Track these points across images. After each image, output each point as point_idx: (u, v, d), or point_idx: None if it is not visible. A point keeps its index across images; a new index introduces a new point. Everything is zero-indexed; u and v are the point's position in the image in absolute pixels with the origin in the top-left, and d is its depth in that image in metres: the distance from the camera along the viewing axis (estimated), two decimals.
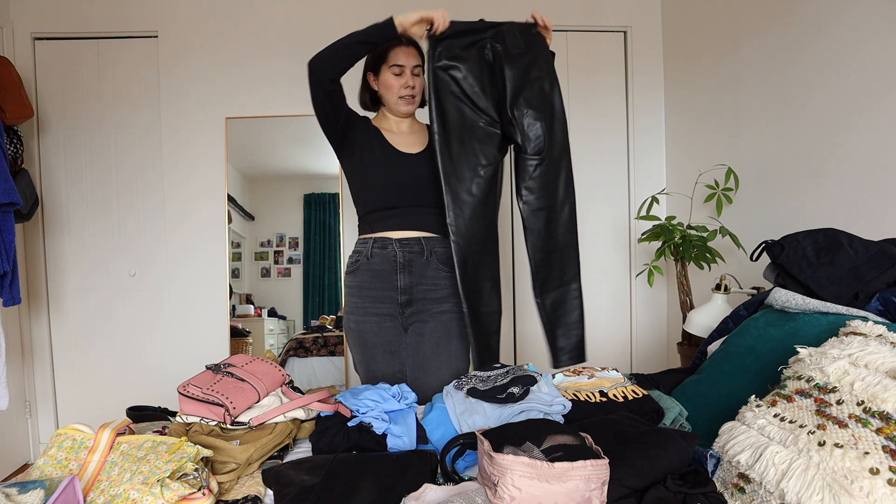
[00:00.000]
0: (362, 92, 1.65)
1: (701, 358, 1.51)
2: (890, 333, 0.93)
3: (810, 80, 1.77)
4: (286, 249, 2.82)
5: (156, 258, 2.64)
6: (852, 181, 1.62)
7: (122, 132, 2.61)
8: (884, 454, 0.73)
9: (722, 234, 1.98)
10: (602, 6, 2.71)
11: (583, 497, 0.79)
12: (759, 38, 2.02)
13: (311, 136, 2.70)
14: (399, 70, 1.54)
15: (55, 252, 2.61)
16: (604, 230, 2.77)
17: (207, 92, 2.61)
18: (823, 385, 0.89)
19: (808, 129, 1.79)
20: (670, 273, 2.52)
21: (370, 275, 1.55)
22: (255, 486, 1.00)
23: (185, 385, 1.17)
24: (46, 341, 2.61)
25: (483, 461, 0.87)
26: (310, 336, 2.75)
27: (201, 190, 2.62)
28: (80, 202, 2.61)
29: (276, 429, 1.15)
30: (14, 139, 2.22)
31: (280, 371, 1.30)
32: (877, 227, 1.49)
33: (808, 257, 1.27)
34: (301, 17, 2.62)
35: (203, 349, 2.61)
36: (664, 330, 2.78)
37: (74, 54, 2.58)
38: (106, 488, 0.88)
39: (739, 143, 2.15)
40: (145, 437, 0.98)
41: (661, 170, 2.76)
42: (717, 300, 1.82)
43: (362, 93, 1.65)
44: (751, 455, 0.84)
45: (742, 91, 2.13)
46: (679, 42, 2.61)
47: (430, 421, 1.16)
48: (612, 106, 2.76)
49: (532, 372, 1.28)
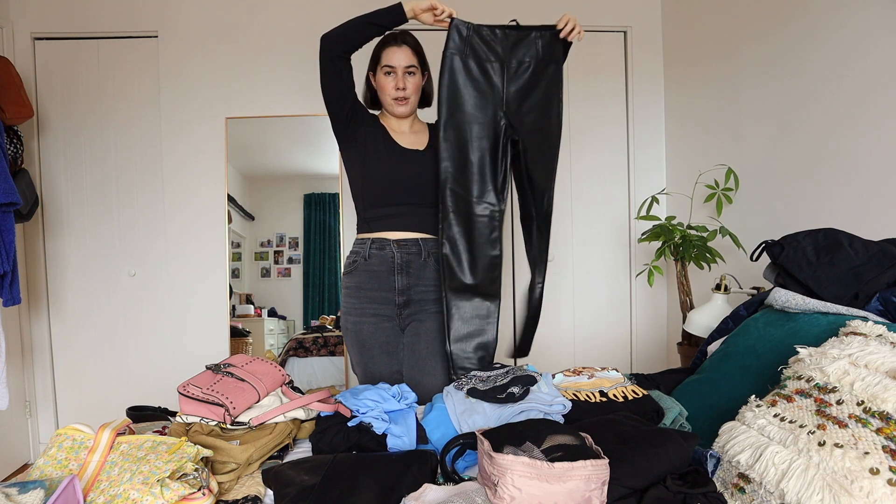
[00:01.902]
0: (366, 91, 1.66)
1: (701, 358, 1.51)
2: (890, 333, 0.93)
3: (810, 80, 1.77)
4: (286, 249, 2.82)
5: (156, 258, 2.63)
6: (852, 181, 1.62)
7: (122, 132, 2.61)
8: (884, 454, 0.73)
9: (722, 234, 1.98)
10: (602, 6, 2.71)
11: (583, 497, 0.79)
12: (759, 37, 2.02)
13: (311, 136, 2.71)
14: (390, 70, 1.54)
15: (55, 252, 2.61)
16: (604, 230, 2.77)
17: (208, 92, 2.61)
18: (823, 385, 0.89)
19: (809, 128, 1.78)
20: (670, 273, 2.52)
21: (368, 275, 1.55)
22: (255, 486, 1.00)
23: (185, 385, 1.17)
24: (46, 341, 2.61)
25: (483, 461, 0.87)
26: (310, 336, 2.75)
27: (201, 190, 2.62)
28: (80, 202, 2.61)
29: (276, 429, 1.15)
30: (14, 139, 2.22)
31: (280, 371, 1.30)
32: (877, 227, 1.49)
33: (808, 257, 1.27)
34: (301, 17, 2.62)
35: (203, 349, 2.61)
36: (664, 330, 2.78)
37: (74, 54, 2.58)
38: (106, 488, 0.88)
39: (740, 143, 2.15)
40: (145, 437, 0.98)
41: (661, 170, 2.76)
42: (717, 300, 1.82)
43: (366, 92, 1.66)
44: (751, 455, 0.84)
45: (742, 91, 2.13)
46: (679, 42, 2.61)
47: (430, 421, 1.16)
48: (611, 106, 2.76)
49: (532, 372, 1.28)
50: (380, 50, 1.56)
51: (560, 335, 2.77)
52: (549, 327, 2.76)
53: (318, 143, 2.69)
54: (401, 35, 1.55)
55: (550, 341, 2.75)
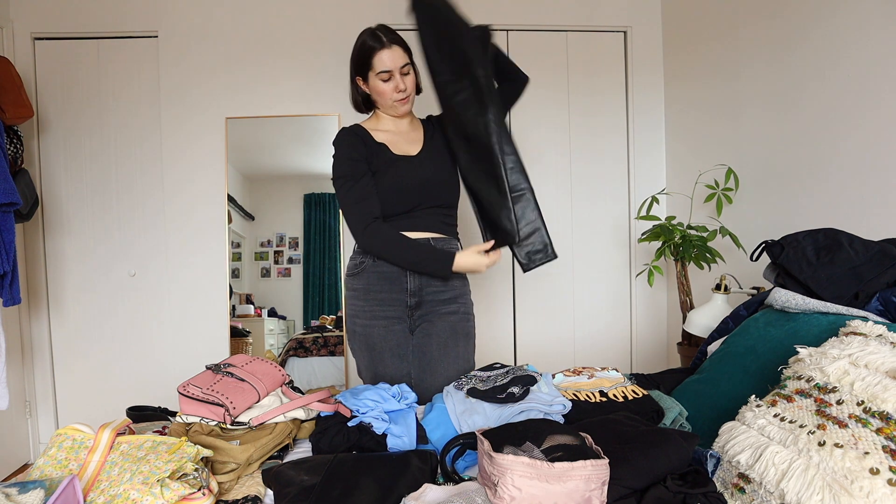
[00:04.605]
0: (354, 94, 1.59)
1: (701, 358, 1.51)
2: (890, 333, 0.93)
3: (811, 80, 1.77)
4: (286, 249, 2.82)
5: (156, 258, 2.63)
6: (852, 181, 1.62)
7: (122, 132, 2.61)
8: (884, 454, 0.73)
9: (722, 234, 1.98)
10: (602, 6, 2.71)
11: (583, 497, 0.79)
12: (759, 37, 2.02)
13: (311, 136, 2.71)
14: (387, 76, 1.48)
15: (55, 252, 2.61)
16: (604, 230, 2.77)
17: (207, 92, 2.61)
18: (823, 385, 0.89)
19: (809, 128, 1.79)
20: (670, 273, 2.52)
21: (377, 277, 1.52)
22: (255, 486, 1.00)
23: (185, 385, 1.17)
24: (46, 341, 2.61)
25: (483, 461, 0.87)
26: (310, 336, 2.75)
27: (201, 190, 2.62)
28: (80, 202, 2.61)
29: (276, 429, 1.15)
30: (14, 139, 2.22)
31: (280, 371, 1.30)
32: (877, 227, 1.49)
33: (808, 257, 1.27)
34: (301, 17, 2.62)
35: (203, 349, 2.61)
36: (664, 330, 2.78)
37: (74, 54, 2.58)
38: (106, 488, 0.88)
39: (740, 143, 2.15)
40: (145, 437, 0.98)
41: (661, 170, 2.76)
42: (717, 300, 1.83)
43: (354, 95, 1.59)
44: (751, 455, 0.84)
45: (742, 91, 2.13)
46: (679, 42, 2.61)
47: (430, 421, 1.16)
48: (612, 106, 2.76)
49: (532, 372, 1.28)
50: (368, 56, 1.48)
51: (560, 335, 2.77)
52: (549, 327, 2.76)
53: (318, 143, 2.69)
54: (386, 35, 1.48)
55: (550, 341, 2.75)
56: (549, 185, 2.71)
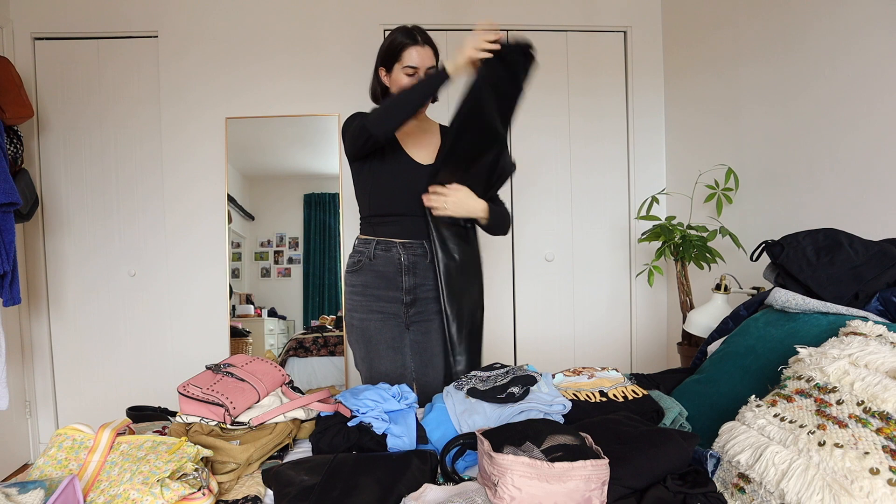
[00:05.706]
0: (374, 85, 1.61)
1: (701, 358, 1.51)
2: (890, 333, 0.93)
3: (811, 80, 1.77)
4: (286, 249, 2.82)
5: (156, 258, 2.64)
6: (852, 181, 1.62)
7: (122, 132, 2.61)
8: (884, 454, 0.73)
9: (722, 234, 1.98)
10: (602, 6, 2.71)
11: (583, 497, 0.79)
12: (759, 36, 2.02)
13: (311, 136, 2.71)
14: (412, 71, 1.50)
15: (55, 252, 2.61)
16: (604, 230, 2.77)
17: (207, 92, 2.61)
18: (823, 385, 0.89)
19: (809, 128, 1.78)
20: (670, 273, 2.52)
21: (374, 275, 1.55)
22: (255, 486, 1.00)
23: (185, 385, 1.17)
24: (46, 341, 2.61)
25: (483, 461, 0.87)
26: (310, 336, 2.75)
27: (201, 190, 2.62)
28: (80, 202, 2.61)
29: (276, 429, 1.15)
30: (14, 139, 2.22)
31: (280, 371, 1.30)
32: (877, 227, 1.49)
33: (808, 257, 1.27)
34: (301, 16, 2.62)
35: (203, 349, 2.61)
36: (664, 330, 2.78)
37: (74, 54, 2.58)
38: (106, 488, 0.88)
39: (739, 143, 2.15)
40: (145, 437, 0.98)
41: (661, 170, 2.76)
42: (717, 300, 1.82)
43: (374, 86, 1.61)
44: (751, 455, 0.84)
45: (742, 91, 2.13)
46: (679, 42, 2.61)
47: (430, 421, 1.16)
48: (612, 106, 2.76)
49: (532, 372, 1.28)
50: (400, 49, 1.50)
51: (560, 335, 2.77)
52: (549, 327, 2.76)
53: (318, 143, 2.69)
54: (421, 35, 1.51)
55: (550, 341, 2.75)
56: (549, 186, 2.71)
